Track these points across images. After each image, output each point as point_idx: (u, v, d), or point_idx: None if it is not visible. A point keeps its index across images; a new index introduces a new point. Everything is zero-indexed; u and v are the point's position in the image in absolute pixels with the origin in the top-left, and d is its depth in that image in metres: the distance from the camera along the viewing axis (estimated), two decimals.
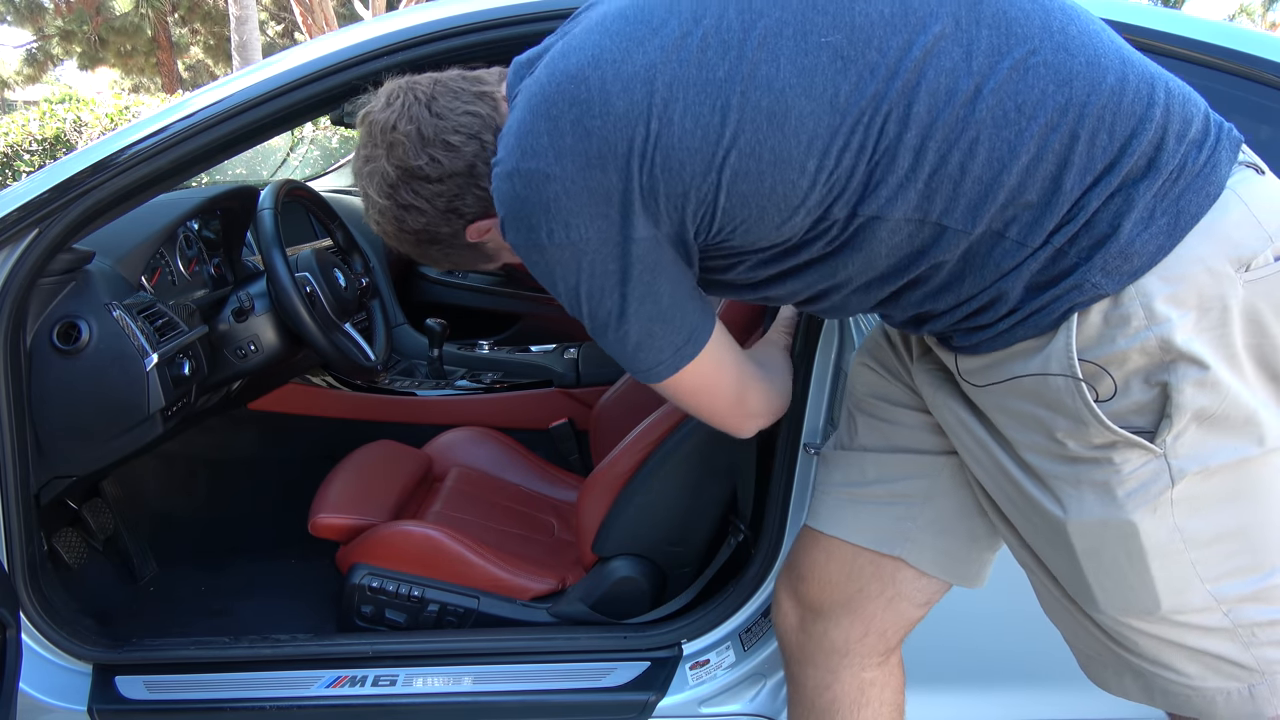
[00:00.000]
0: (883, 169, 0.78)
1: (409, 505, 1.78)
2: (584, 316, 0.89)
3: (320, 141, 5.72)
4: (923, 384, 0.99)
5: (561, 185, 0.80)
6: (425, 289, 3.22)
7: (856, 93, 0.77)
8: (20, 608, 1.33)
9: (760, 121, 0.78)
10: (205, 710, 1.42)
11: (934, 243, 0.81)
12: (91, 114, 7.46)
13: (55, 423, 1.40)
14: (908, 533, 1.04)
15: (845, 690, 1.11)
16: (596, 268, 0.84)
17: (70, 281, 1.41)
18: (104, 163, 1.27)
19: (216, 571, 1.90)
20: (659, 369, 0.93)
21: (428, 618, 1.54)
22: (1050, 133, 0.76)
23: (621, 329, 0.89)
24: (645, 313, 0.87)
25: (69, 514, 1.76)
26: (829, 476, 1.11)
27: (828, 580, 1.09)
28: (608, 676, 1.43)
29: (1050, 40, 0.78)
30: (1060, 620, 0.97)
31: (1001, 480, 0.90)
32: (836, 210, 0.81)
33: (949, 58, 0.76)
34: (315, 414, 2.21)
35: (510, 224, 0.85)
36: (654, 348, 0.90)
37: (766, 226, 0.83)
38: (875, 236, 0.81)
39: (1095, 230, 0.76)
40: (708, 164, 0.79)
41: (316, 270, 1.78)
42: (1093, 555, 0.83)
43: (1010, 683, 1.38)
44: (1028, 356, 0.82)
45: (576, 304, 0.88)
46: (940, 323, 0.88)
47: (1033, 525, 0.89)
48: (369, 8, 10.07)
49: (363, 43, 1.26)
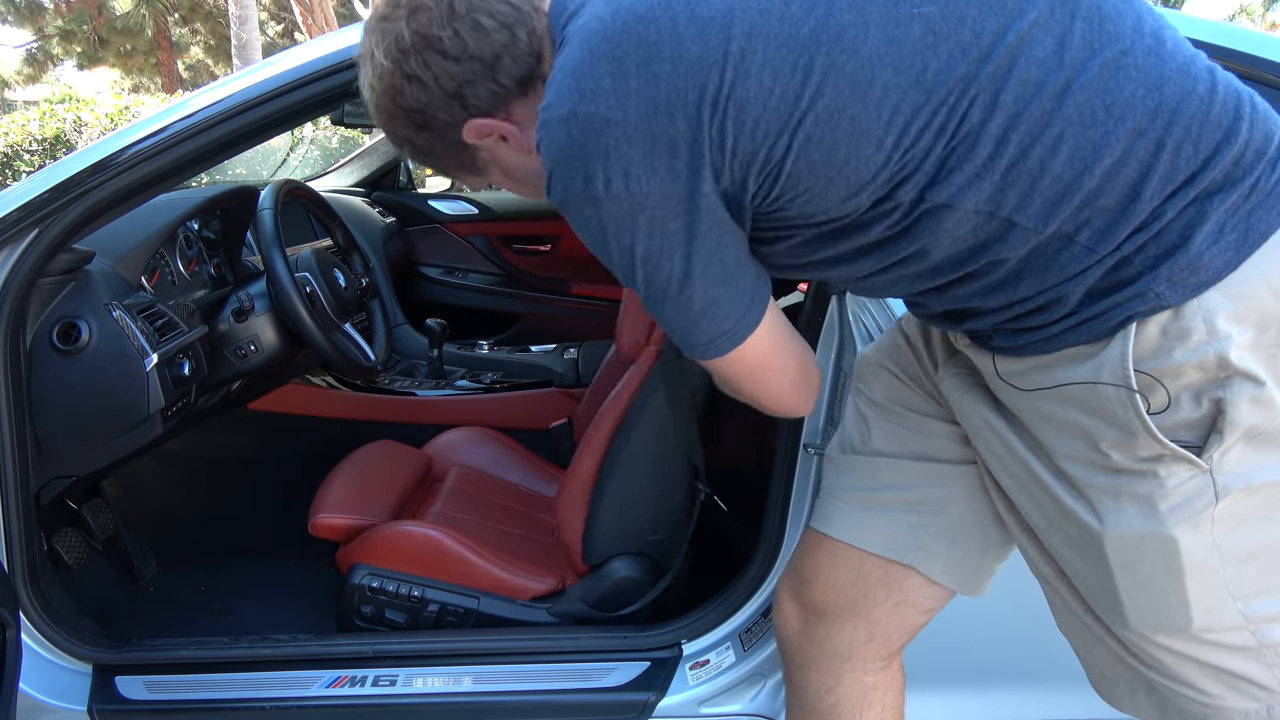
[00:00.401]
0: (959, 155, 0.75)
1: (409, 505, 1.78)
2: (638, 283, 0.81)
3: (320, 141, 5.72)
4: (950, 388, 0.96)
5: (623, 131, 0.74)
6: (425, 289, 3.23)
7: (945, 71, 0.73)
8: (20, 608, 1.33)
9: (843, 87, 0.73)
10: (205, 710, 1.42)
11: (999, 239, 0.78)
12: (91, 114, 7.46)
13: (55, 423, 1.40)
14: (920, 541, 1.02)
15: (848, 694, 1.10)
16: (656, 225, 0.78)
17: (70, 281, 1.41)
18: (104, 163, 1.27)
19: (216, 571, 1.90)
20: (721, 340, 0.85)
21: (428, 618, 1.54)
22: (1137, 138, 0.73)
23: (684, 294, 0.81)
24: (711, 274, 0.81)
25: (69, 514, 1.76)
26: (837, 480, 1.09)
27: (833, 584, 1.08)
28: (608, 676, 1.43)
29: (1142, 42, 0.75)
30: (1075, 634, 0.95)
31: (1033, 489, 0.88)
32: (902, 193, 0.77)
33: (1041, 48, 0.74)
34: (315, 414, 2.21)
35: (560, 175, 0.78)
36: (718, 315, 0.83)
37: (829, 199, 0.78)
38: (940, 225, 0.78)
39: (1164, 241, 0.74)
40: (782, 125, 0.74)
41: (316, 270, 1.78)
42: (1128, 569, 0.81)
43: (1008, 683, 1.38)
44: (1077, 362, 0.80)
45: (630, 268, 0.80)
46: (984, 321, 0.85)
47: (1063, 535, 0.87)
48: (369, 7, 10.06)
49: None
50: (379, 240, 2.86)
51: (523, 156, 0.89)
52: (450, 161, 0.93)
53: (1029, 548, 0.94)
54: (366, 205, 3.03)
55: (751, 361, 0.88)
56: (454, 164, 0.94)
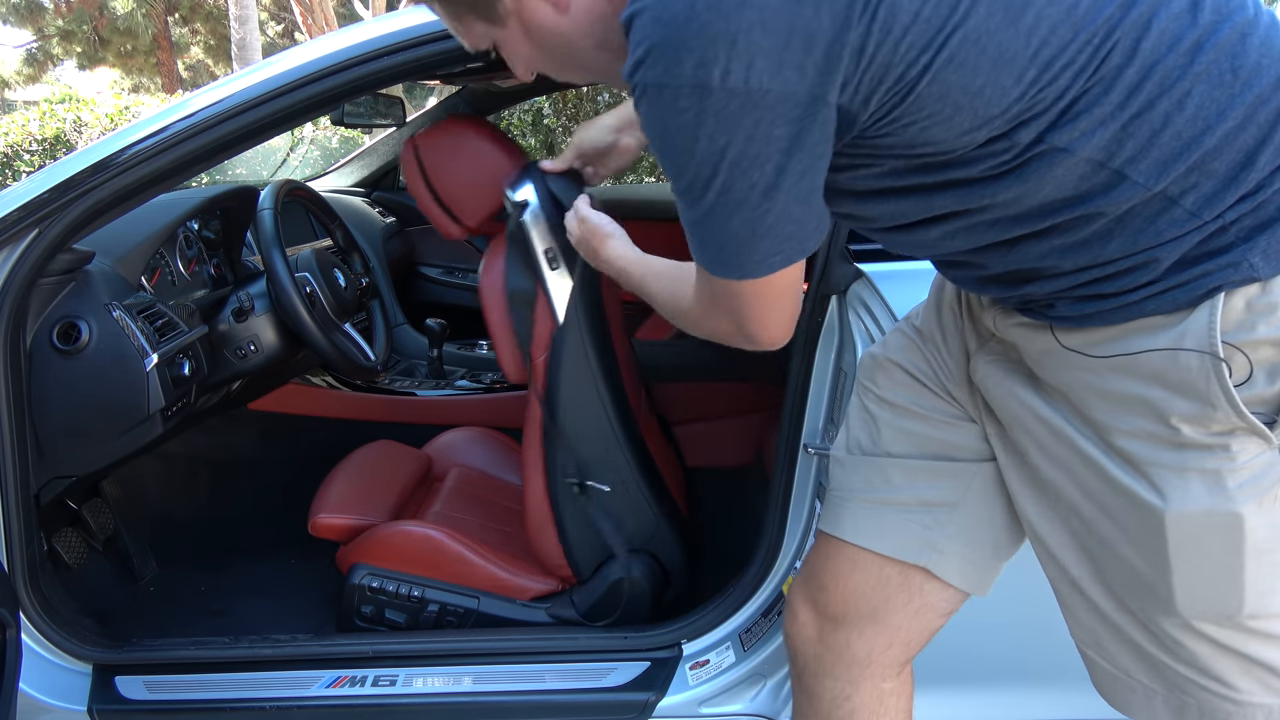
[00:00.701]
0: (1091, 98, 0.71)
1: (409, 505, 1.78)
2: (710, 187, 0.73)
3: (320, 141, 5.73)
4: (985, 375, 0.94)
5: (759, 15, 0.66)
6: (425, 289, 3.22)
7: (1095, 11, 0.70)
8: (20, 608, 1.33)
9: (996, 9, 0.69)
10: (205, 710, 1.42)
11: (1103, 191, 0.74)
12: (91, 114, 7.46)
13: (55, 423, 1.40)
14: (934, 542, 1.01)
15: (864, 701, 1.09)
16: (761, 129, 0.69)
17: (70, 281, 1.41)
18: (104, 163, 1.27)
19: (216, 571, 1.90)
20: (774, 260, 0.78)
21: (428, 618, 1.54)
22: (1260, 105, 0.72)
23: (762, 206, 0.74)
24: (797, 190, 0.74)
25: (69, 514, 1.76)
26: (848, 482, 1.07)
27: (852, 590, 1.06)
28: (608, 676, 1.43)
29: (1262, 15, 0.74)
30: (1092, 634, 0.92)
31: (1081, 470, 0.85)
32: (1023, 132, 0.73)
33: (1178, 3, 0.72)
34: (315, 414, 2.21)
35: (665, 54, 0.69)
36: (784, 234, 0.77)
37: (948, 131, 0.73)
38: (1049, 171, 0.74)
39: (1264, 212, 0.73)
40: (928, 40, 0.69)
41: (316, 270, 1.78)
42: (1187, 549, 0.79)
43: (1007, 683, 1.38)
44: (1149, 333, 0.77)
45: (708, 172, 0.72)
46: (1050, 285, 0.81)
47: (1111, 518, 0.84)
48: (369, 8, 10.07)
49: (363, 43, 1.26)
50: (379, 240, 2.86)
51: (554, 16, 0.83)
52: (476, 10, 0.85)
53: (1052, 543, 0.92)
54: (366, 205, 3.03)
55: (782, 286, 0.83)
56: (471, 13, 0.85)
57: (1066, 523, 0.90)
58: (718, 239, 0.79)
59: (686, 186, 0.75)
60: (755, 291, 0.83)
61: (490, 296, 1.43)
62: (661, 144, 0.74)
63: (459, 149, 1.41)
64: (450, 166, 1.41)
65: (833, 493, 1.10)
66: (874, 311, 1.24)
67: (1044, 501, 0.92)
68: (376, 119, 2.29)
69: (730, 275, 0.81)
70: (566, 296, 1.41)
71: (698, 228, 0.80)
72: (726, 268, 0.81)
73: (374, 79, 1.28)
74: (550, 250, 1.40)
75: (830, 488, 1.11)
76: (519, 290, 1.41)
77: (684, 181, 0.75)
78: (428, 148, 1.42)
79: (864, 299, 1.25)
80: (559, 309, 1.41)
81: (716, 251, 0.80)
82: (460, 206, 1.42)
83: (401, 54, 1.26)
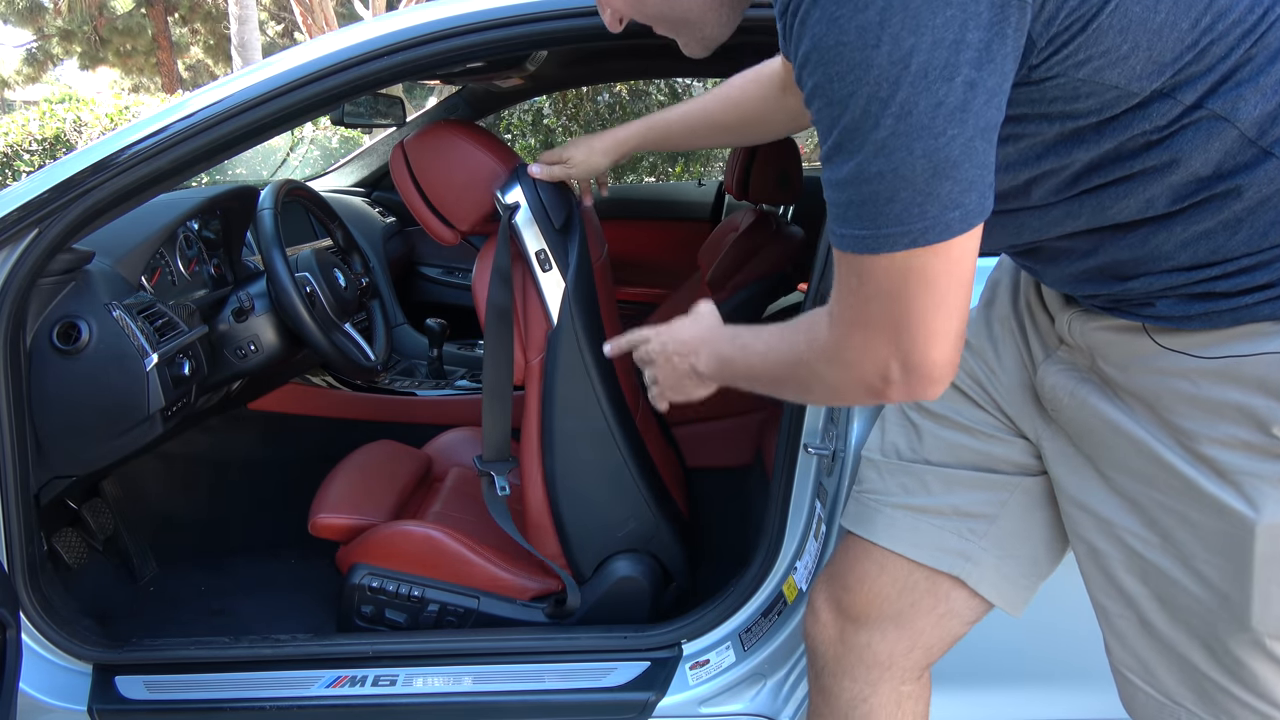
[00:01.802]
0: (1255, 66, 0.68)
1: (409, 505, 1.78)
2: (886, 111, 0.63)
3: (320, 141, 5.73)
4: (1056, 384, 0.91)
5: None
6: (425, 289, 3.23)
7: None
8: (20, 608, 1.33)
9: None
10: (205, 710, 1.42)
11: (1243, 170, 0.70)
12: (91, 114, 7.47)
13: (55, 423, 1.40)
14: (970, 552, 1.01)
15: (883, 703, 1.09)
16: (952, 30, 0.62)
17: (70, 281, 1.41)
18: (104, 163, 1.27)
19: (216, 571, 1.90)
20: (952, 215, 0.66)
21: (428, 618, 1.54)
22: None
23: (947, 134, 0.64)
24: (986, 119, 0.65)
25: (69, 514, 1.76)
26: (882, 485, 1.06)
27: (878, 593, 1.06)
28: (608, 676, 1.43)
29: None
30: (1137, 654, 0.89)
31: (1158, 480, 0.82)
32: (1186, 91, 0.69)
33: None
34: (315, 414, 2.21)
35: None
36: (966, 178, 0.66)
37: (1122, 73, 0.68)
38: (1206, 141, 0.70)
39: None
40: None
41: (316, 270, 1.78)
42: (1274, 561, 0.77)
43: (1006, 683, 1.38)
44: (1262, 338, 0.74)
45: (888, 89, 0.63)
46: (1162, 281, 0.77)
47: (1186, 530, 0.82)
48: (369, 8, 10.07)
49: (363, 43, 1.26)
50: (379, 240, 2.86)
51: None
52: None
53: (1110, 559, 0.89)
54: (366, 205, 3.03)
55: (961, 266, 0.69)
56: None
57: (1128, 538, 0.87)
58: (887, 189, 0.66)
59: (852, 124, 0.65)
60: (927, 271, 0.68)
61: (484, 298, 1.43)
62: (829, 63, 0.64)
63: (448, 152, 1.41)
64: (440, 170, 1.41)
65: (865, 495, 1.09)
66: None
67: (1105, 515, 0.89)
68: (376, 119, 2.29)
69: (896, 245, 0.67)
70: (560, 298, 1.41)
71: (857, 184, 0.67)
72: (892, 233, 0.67)
73: (374, 79, 1.28)
74: (542, 252, 1.40)
75: (861, 489, 1.10)
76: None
77: (851, 115, 0.65)
78: (417, 152, 1.42)
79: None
80: (553, 310, 1.41)
81: (881, 209, 0.67)
82: (451, 210, 1.42)
83: (401, 54, 1.26)
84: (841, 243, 0.71)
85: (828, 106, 0.66)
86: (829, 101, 0.66)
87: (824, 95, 0.66)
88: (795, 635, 1.37)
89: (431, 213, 1.43)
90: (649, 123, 1.41)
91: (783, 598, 1.40)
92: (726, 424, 2.17)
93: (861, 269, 0.70)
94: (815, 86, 0.67)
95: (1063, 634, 1.13)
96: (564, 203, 1.45)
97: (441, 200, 1.42)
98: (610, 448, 1.48)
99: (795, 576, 1.38)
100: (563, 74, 2.88)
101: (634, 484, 1.51)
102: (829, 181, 0.70)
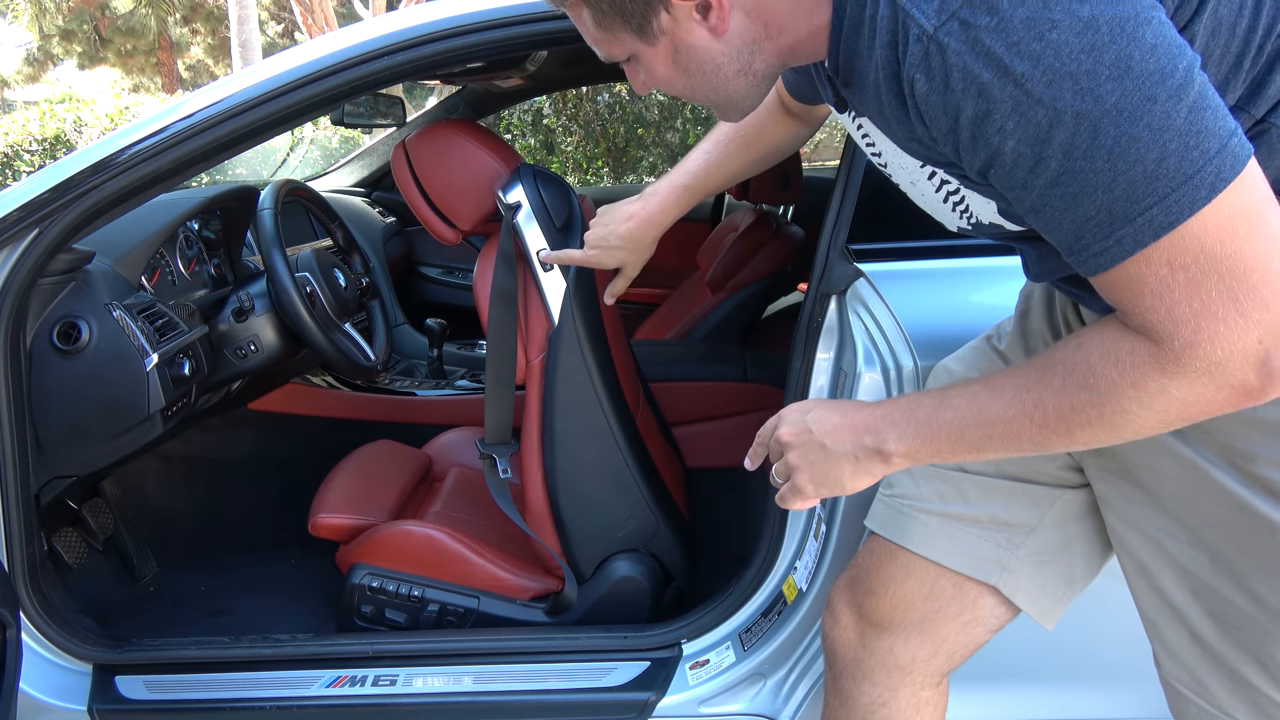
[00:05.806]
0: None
1: (409, 505, 1.78)
2: (1099, 70, 0.60)
3: (320, 141, 5.73)
4: None
5: None
6: (425, 289, 3.23)
7: None
8: (20, 608, 1.33)
9: None
10: (205, 710, 1.42)
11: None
12: (91, 114, 7.47)
13: (55, 423, 1.40)
14: (1006, 562, 1.00)
15: (901, 708, 1.08)
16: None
17: (70, 281, 1.41)
18: (104, 163, 1.27)
19: (216, 571, 1.90)
20: (1233, 141, 0.62)
21: (428, 618, 1.54)
22: None
23: (1178, 65, 0.61)
24: (1185, 44, 0.63)
25: (69, 514, 1.76)
26: (916, 491, 1.05)
27: (903, 598, 1.05)
28: (608, 676, 1.43)
29: None
30: (1188, 667, 0.89)
31: (1209, 500, 0.82)
32: (1255, 105, 0.70)
33: None
34: (315, 414, 2.21)
35: None
36: (1214, 102, 0.62)
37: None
38: (1263, 158, 0.67)
39: None
40: None
41: (316, 270, 1.78)
42: None
43: (1006, 683, 1.38)
44: None
45: (1122, 53, 0.60)
46: None
47: (1238, 549, 0.82)
48: (369, 8, 10.07)
49: (363, 43, 1.26)
50: (379, 240, 2.86)
51: (708, 40, 0.79)
52: (618, 7, 0.78)
53: (1159, 576, 0.89)
54: (366, 205, 3.03)
55: (1263, 188, 0.64)
56: (617, 11, 0.79)
57: (1177, 555, 0.87)
58: (1154, 151, 0.61)
59: (1074, 120, 0.62)
60: (1236, 208, 0.62)
61: (485, 297, 1.44)
62: (1052, 30, 0.61)
63: (450, 152, 1.41)
64: (442, 169, 1.41)
65: (896, 499, 1.08)
66: (874, 311, 1.24)
67: (1152, 533, 0.89)
68: (376, 119, 2.29)
69: (1198, 196, 0.61)
70: (561, 297, 1.41)
71: (1112, 171, 0.62)
72: (1188, 187, 0.61)
73: (374, 79, 1.28)
74: (544, 251, 1.40)
75: (892, 493, 1.09)
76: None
77: (1065, 107, 0.62)
78: (419, 151, 1.42)
79: (864, 299, 1.25)
80: (554, 310, 1.42)
81: (1156, 172, 0.62)
82: (453, 209, 1.42)
83: (401, 54, 1.26)
84: (1127, 244, 0.65)
85: (1027, 141, 0.64)
86: (1028, 133, 0.64)
87: (1019, 132, 0.64)
88: (795, 635, 1.37)
89: (433, 212, 1.43)
90: (680, 195, 1.36)
91: (782, 598, 1.40)
92: (726, 424, 2.17)
93: (1172, 253, 0.63)
94: (998, 128, 0.64)
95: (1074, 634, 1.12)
96: (565, 202, 1.45)
97: (443, 199, 1.42)
98: (611, 447, 1.48)
99: (795, 576, 1.38)
100: (563, 74, 2.88)
101: (634, 484, 1.51)
102: (1066, 209, 0.66)
